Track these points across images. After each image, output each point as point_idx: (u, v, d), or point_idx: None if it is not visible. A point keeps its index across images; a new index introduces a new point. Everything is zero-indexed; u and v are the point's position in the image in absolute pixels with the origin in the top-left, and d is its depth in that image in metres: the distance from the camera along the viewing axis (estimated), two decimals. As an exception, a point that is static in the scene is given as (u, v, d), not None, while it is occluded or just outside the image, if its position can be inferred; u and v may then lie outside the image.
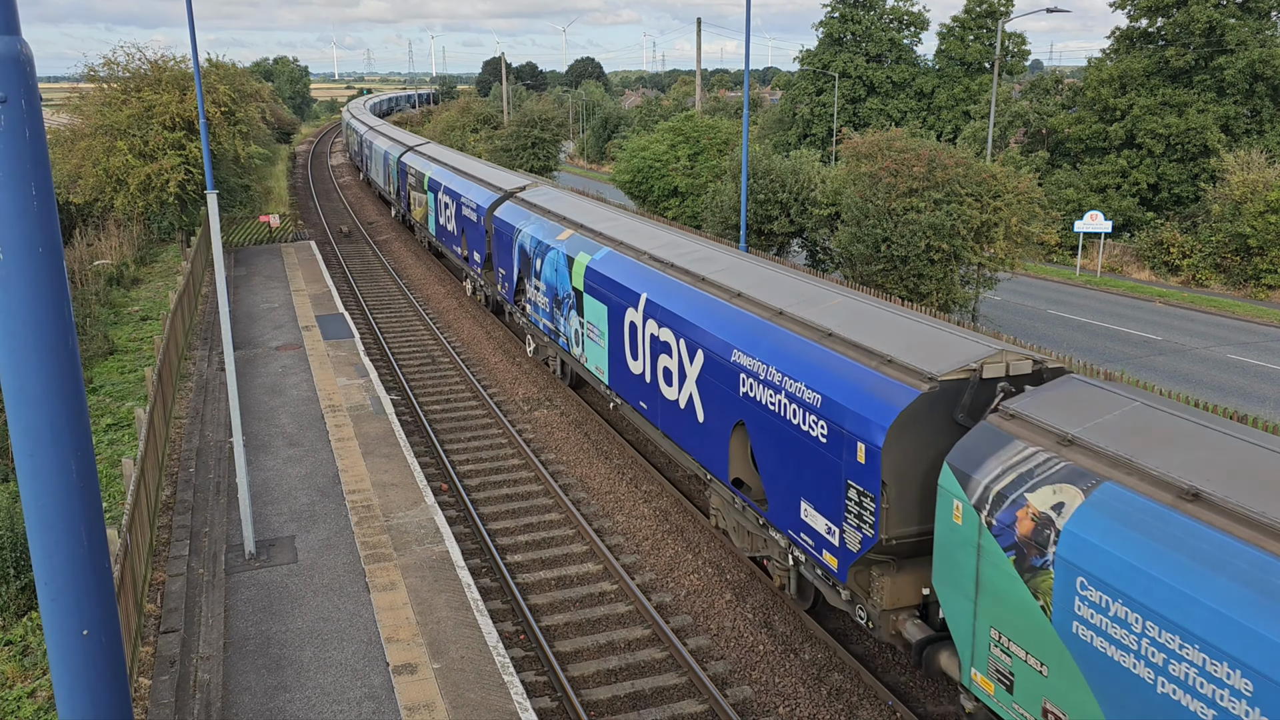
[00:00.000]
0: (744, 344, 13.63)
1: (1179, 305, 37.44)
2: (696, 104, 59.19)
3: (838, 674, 12.90)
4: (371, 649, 12.38)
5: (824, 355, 12.14)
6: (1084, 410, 9.71)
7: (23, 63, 2.89)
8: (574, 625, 14.13)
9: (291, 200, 61.28)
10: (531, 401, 23.49)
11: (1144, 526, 8.12)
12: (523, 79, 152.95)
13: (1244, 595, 7.24)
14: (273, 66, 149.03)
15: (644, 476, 19.06)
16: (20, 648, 12.73)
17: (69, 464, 3.08)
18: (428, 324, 30.83)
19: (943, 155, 27.72)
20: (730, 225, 34.66)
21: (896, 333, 12.11)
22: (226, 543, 15.33)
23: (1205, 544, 7.70)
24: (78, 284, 31.79)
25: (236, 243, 41.89)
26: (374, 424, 20.49)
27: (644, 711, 12.09)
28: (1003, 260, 27.99)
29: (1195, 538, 7.78)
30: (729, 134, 44.10)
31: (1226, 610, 7.27)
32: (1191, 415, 9.31)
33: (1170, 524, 7.99)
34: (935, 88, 68.34)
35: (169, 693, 11.57)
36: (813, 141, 69.08)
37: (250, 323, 28.92)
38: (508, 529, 17.09)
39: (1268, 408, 24.82)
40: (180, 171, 36.67)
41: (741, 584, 15.12)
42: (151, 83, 38.30)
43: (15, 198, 2.91)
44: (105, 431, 20.45)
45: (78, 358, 3.11)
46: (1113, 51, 52.57)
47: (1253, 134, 48.02)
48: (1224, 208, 40.33)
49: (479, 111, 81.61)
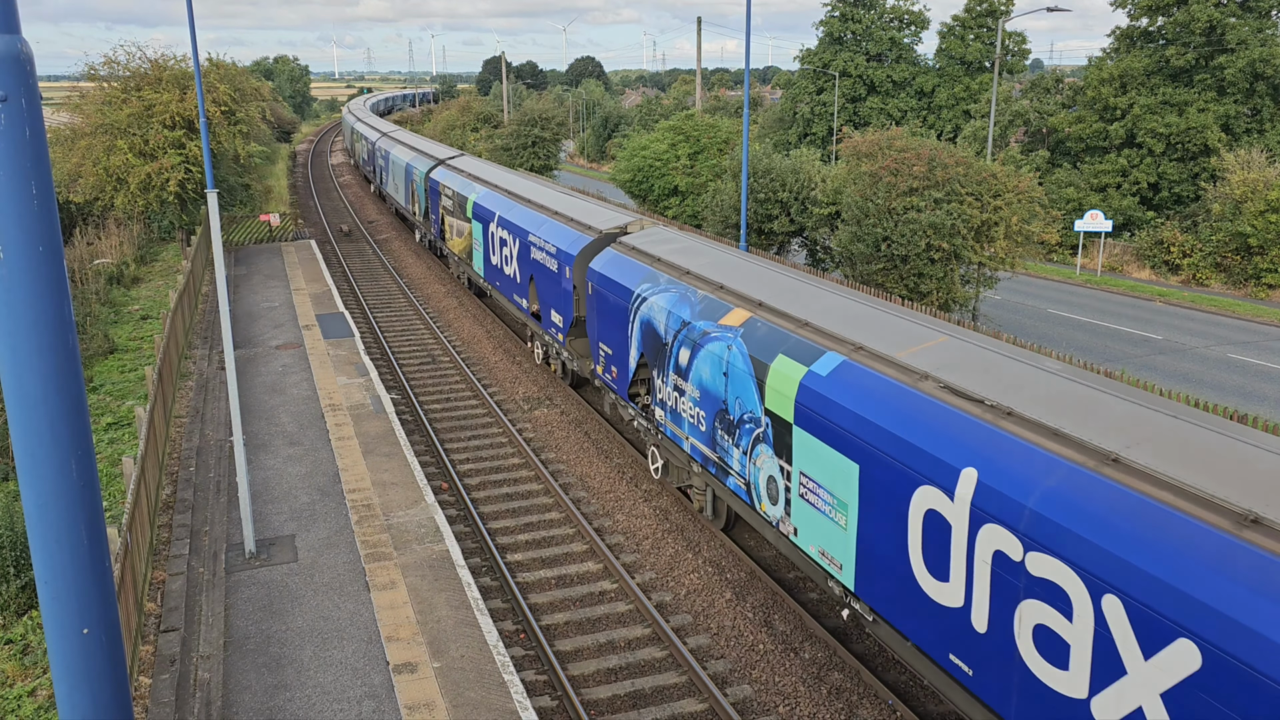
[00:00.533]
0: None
1: (1179, 304, 37.43)
2: (697, 103, 59.19)
3: (838, 673, 12.90)
4: (372, 648, 12.38)
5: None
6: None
7: (23, 61, 2.89)
8: (574, 624, 14.13)
9: (292, 199, 61.27)
10: (532, 400, 23.48)
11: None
12: (523, 78, 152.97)
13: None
14: (273, 66, 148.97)
15: (644, 476, 19.06)
16: (21, 646, 12.73)
17: (69, 463, 3.08)
18: (428, 323, 30.82)
19: (943, 154, 27.71)
20: (730, 224, 34.66)
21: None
22: (227, 541, 15.33)
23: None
24: (78, 283, 31.79)
25: (237, 242, 41.89)
26: (374, 423, 20.49)
27: (644, 710, 12.09)
28: (1003, 259, 27.98)
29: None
30: (729, 133, 44.10)
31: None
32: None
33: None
34: (935, 87, 68.30)
35: (169, 691, 11.57)
36: (813, 140, 69.06)
37: (250, 322, 28.92)
38: (508, 528, 17.09)
39: (1267, 407, 24.82)
40: (180, 170, 36.66)
41: (742, 583, 15.12)
42: (152, 82, 38.28)
43: (15, 197, 2.91)
44: (105, 430, 20.45)
45: (78, 356, 3.11)
46: (1113, 51, 52.56)
47: (1253, 133, 48.00)
48: (1224, 207, 40.32)
49: (479, 110, 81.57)
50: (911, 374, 11.13)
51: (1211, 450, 8.56)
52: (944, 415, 10.29)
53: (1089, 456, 8.86)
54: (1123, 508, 8.27)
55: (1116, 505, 8.31)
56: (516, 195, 27.27)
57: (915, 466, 10.25)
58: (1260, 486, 7.90)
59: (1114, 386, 10.17)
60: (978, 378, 10.68)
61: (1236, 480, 8.03)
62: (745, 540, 16.44)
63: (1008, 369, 10.83)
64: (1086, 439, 9.06)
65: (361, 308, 32.99)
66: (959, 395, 10.44)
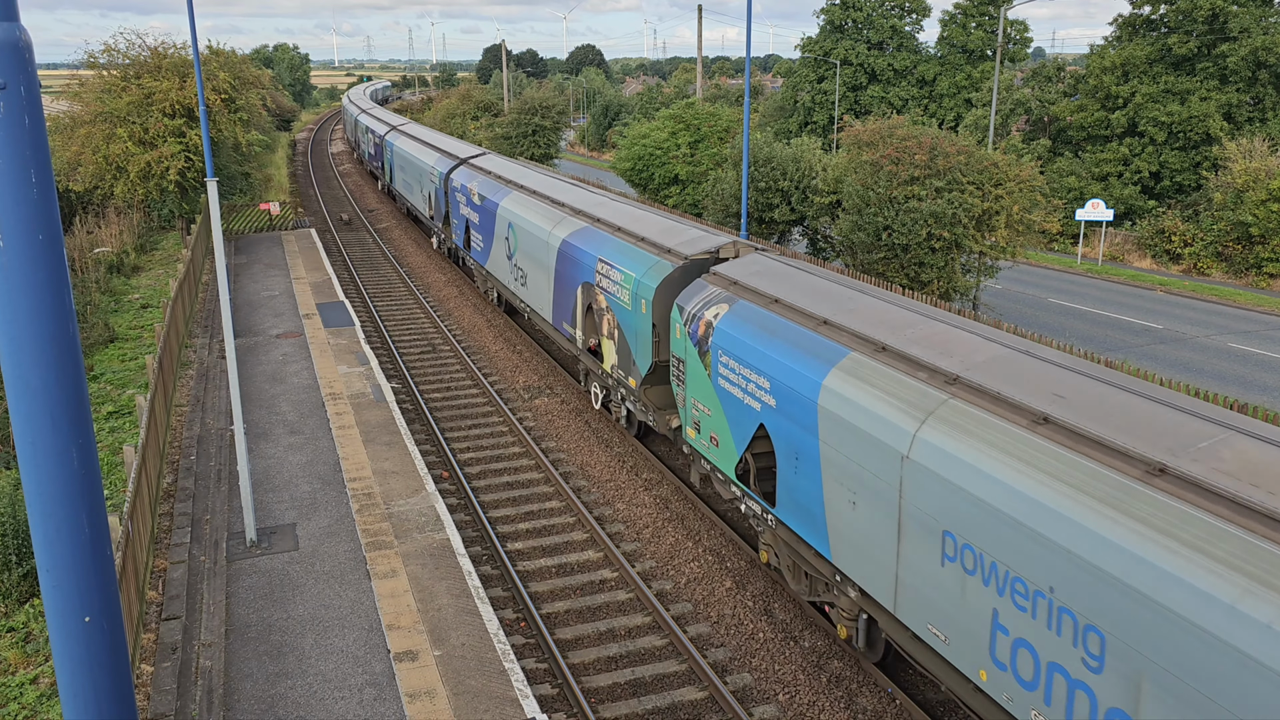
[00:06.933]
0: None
1: (1180, 294, 37.39)
2: (697, 91, 59.02)
3: (837, 661, 12.94)
4: (373, 636, 12.42)
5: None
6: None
7: (22, 49, 2.88)
8: (575, 613, 14.16)
9: (292, 187, 61.18)
10: (532, 389, 23.49)
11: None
12: (523, 66, 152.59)
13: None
14: (273, 54, 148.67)
15: (644, 464, 19.07)
16: (23, 634, 12.76)
17: (70, 451, 3.08)
18: (428, 311, 30.81)
19: (944, 143, 27.64)
20: (731, 213, 34.60)
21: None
22: (228, 530, 15.36)
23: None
24: (78, 271, 31.77)
25: (237, 230, 41.84)
26: (375, 412, 20.50)
27: (644, 698, 12.13)
28: (1004, 249, 27.94)
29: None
30: (730, 121, 43.96)
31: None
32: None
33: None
34: (937, 75, 68.11)
35: (171, 679, 11.61)
36: (814, 129, 68.90)
37: (251, 310, 28.91)
38: (508, 516, 17.11)
39: (1268, 396, 24.82)
40: (180, 159, 36.61)
41: (742, 572, 15.15)
42: (151, 69, 38.19)
43: (15, 185, 2.90)
44: (106, 419, 20.46)
45: (78, 345, 3.11)
46: (1115, 39, 52.40)
47: (1255, 122, 47.88)
48: (1226, 196, 40.23)
49: (479, 99, 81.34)
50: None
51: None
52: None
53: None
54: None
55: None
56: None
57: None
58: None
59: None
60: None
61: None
62: (745, 532, 16.46)
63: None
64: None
65: (362, 296, 32.97)
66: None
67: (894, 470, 10.52)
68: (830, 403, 11.68)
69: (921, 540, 10.21)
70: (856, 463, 11.20)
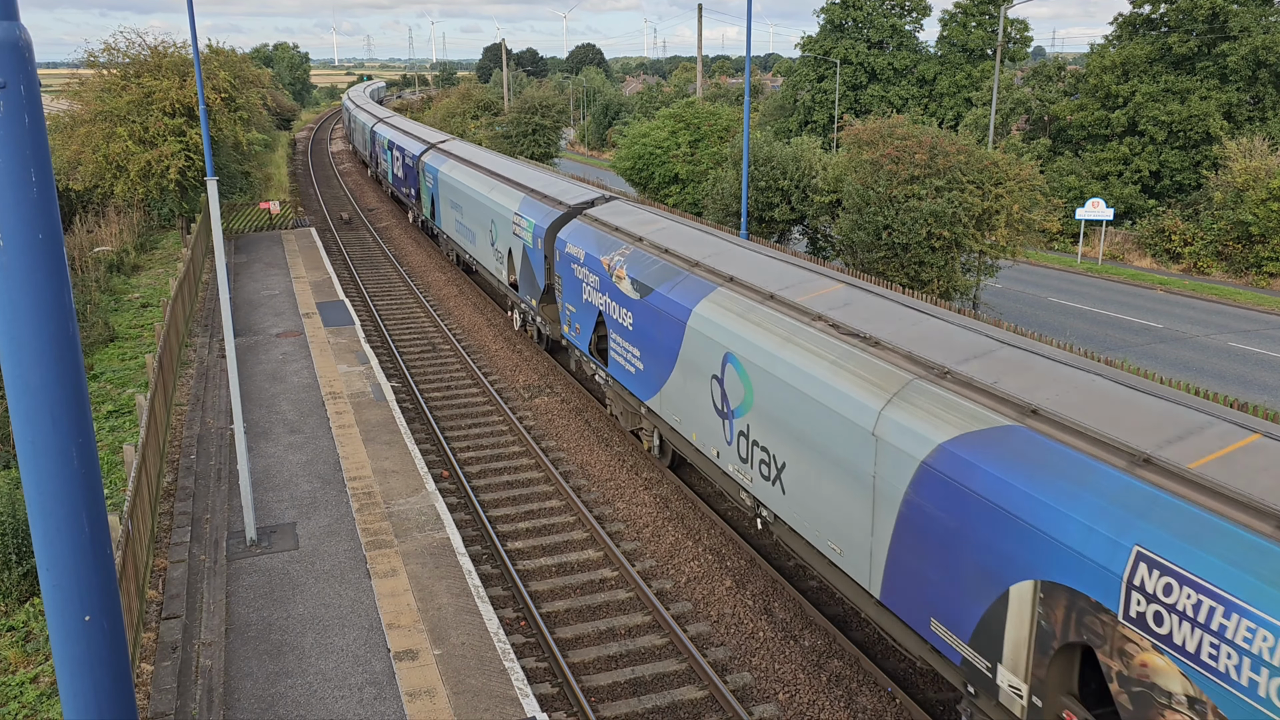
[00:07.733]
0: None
1: (1180, 293, 37.39)
2: (697, 90, 59.02)
3: (837, 660, 12.94)
4: (373, 635, 12.42)
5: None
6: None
7: (21, 48, 2.88)
8: (575, 612, 14.17)
9: (292, 187, 61.17)
10: (532, 389, 23.49)
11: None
12: (523, 65, 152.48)
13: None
14: (273, 53, 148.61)
15: (644, 464, 19.07)
16: (23, 633, 12.77)
17: (70, 451, 3.08)
18: (428, 311, 30.81)
19: (944, 142, 27.64)
20: (731, 213, 34.59)
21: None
22: (228, 529, 15.36)
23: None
24: (78, 271, 31.77)
25: (237, 229, 41.83)
26: (375, 411, 20.50)
27: (644, 697, 12.14)
28: (1004, 248, 27.93)
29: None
30: (730, 120, 43.94)
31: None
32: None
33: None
34: (937, 74, 68.08)
35: (171, 678, 11.61)
36: (814, 128, 68.87)
37: (251, 309, 28.91)
38: (508, 516, 17.12)
39: (1268, 395, 24.82)
40: (180, 158, 36.58)
41: (742, 571, 15.15)
42: (151, 68, 38.16)
43: (15, 184, 2.90)
44: (106, 418, 20.46)
45: (78, 344, 3.11)
46: (1115, 38, 52.37)
47: (1255, 121, 47.86)
48: (1226, 195, 40.22)
49: (479, 98, 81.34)
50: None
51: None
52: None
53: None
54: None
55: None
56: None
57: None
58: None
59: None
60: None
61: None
62: (745, 531, 16.47)
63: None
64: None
65: (362, 295, 32.97)
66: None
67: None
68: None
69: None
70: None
